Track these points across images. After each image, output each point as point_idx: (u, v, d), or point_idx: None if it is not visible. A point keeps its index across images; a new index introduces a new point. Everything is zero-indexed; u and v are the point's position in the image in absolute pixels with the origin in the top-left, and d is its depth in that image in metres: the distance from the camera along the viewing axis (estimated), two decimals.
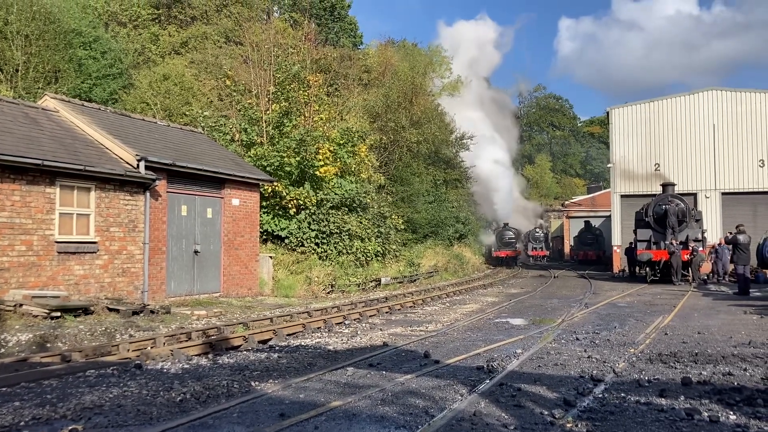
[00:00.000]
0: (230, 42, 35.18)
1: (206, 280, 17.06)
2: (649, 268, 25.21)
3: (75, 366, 8.08)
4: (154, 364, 8.30)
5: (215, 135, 23.13)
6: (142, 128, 17.63)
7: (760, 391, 6.42)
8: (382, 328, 12.31)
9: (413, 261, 28.47)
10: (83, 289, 13.37)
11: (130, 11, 35.61)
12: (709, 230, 29.16)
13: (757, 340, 9.90)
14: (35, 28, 24.46)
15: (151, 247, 15.10)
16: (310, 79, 26.17)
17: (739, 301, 17.27)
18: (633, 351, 9.08)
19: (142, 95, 27.68)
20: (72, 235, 13.33)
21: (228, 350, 9.72)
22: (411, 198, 32.43)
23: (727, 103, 32.15)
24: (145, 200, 14.95)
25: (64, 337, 10.00)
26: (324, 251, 22.85)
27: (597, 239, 48.22)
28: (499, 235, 49.46)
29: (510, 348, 9.46)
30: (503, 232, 49.33)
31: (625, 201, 33.00)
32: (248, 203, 18.69)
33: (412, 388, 6.78)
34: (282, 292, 19.28)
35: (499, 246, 48.46)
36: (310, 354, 9.21)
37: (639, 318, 13.38)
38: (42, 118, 14.76)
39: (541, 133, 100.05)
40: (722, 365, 7.96)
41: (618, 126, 33.88)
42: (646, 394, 6.46)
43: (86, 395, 6.53)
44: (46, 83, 24.54)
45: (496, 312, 15.34)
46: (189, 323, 12.36)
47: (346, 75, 33.28)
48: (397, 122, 32.09)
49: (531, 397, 6.36)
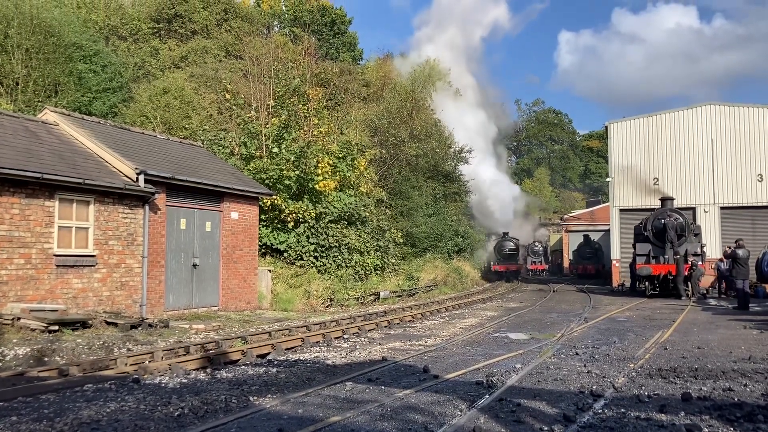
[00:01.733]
0: (230, 56, 35.40)
1: (205, 294, 17.02)
2: (648, 282, 25.19)
3: (72, 380, 8.03)
4: (152, 379, 8.26)
5: (215, 148, 23.17)
6: (141, 142, 17.67)
7: (761, 407, 6.39)
8: (381, 343, 12.27)
9: (412, 275, 28.42)
10: (81, 302, 13.34)
11: (130, 25, 35.85)
12: (708, 244, 29.18)
13: (757, 356, 9.87)
14: (35, 41, 24.58)
15: (149, 261, 15.08)
16: (310, 93, 26.27)
17: (739, 315, 17.24)
18: (633, 366, 9.05)
19: (142, 109, 27.77)
20: (71, 248, 13.31)
21: (226, 364, 9.68)
22: (410, 212, 32.45)
23: (725, 117, 32.27)
24: (144, 213, 14.95)
25: (61, 351, 9.95)
26: (323, 265, 22.81)
27: (596, 253, 48.14)
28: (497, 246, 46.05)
29: (509, 363, 9.42)
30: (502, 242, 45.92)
31: (624, 215, 33.01)
32: (247, 216, 18.68)
33: (411, 403, 6.75)
34: (281, 305, 19.23)
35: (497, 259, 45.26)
36: (308, 368, 9.17)
37: (638, 332, 13.34)
38: (42, 131, 14.79)
39: (540, 147, 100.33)
40: (722, 380, 7.93)
41: (617, 140, 33.97)
42: (647, 409, 6.43)
43: (83, 410, 6.49)
44: (46, 97, 24.62)
45: (495, 326, 15.29)
46: (187, 337, 12.31)
47: (347, 89, 33.42)
48: (396, 136, 32.18)
49: (530, 412, 6.33)
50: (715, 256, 29.39)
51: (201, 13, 38.54)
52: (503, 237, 46.69)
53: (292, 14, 49.52)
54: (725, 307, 20.24)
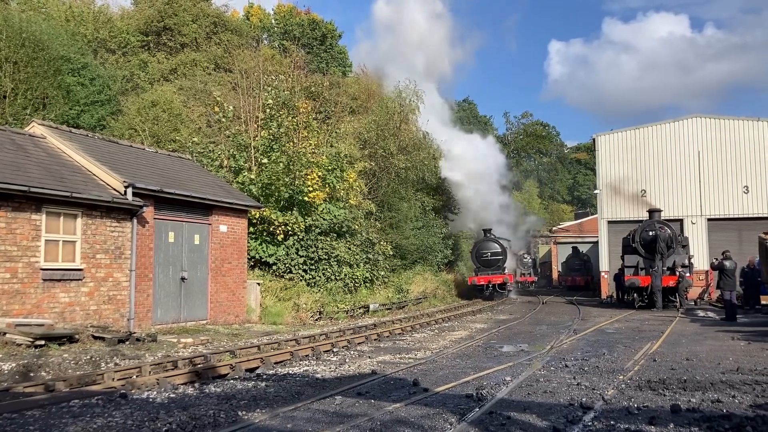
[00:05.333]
0: (219, 69, 35.38)
1: (193, 308, 16.92)
2: (636, 294, 25.29)
3: (59, 396, 7.94)
4: (140, 394, 8.18)
5: (203, 161, 23.12)
6: (129, 155, 17.60)
7: (749, 419, 6.41)
8: (371, 356, 12.23)
9: (402, 287, 28.40)
10: (68, 316, 13.21)
11: (119, 38, 35.79)
12: (695, 256, 29.37)
13: (745, 367, 9.91)
14: (24, 54, 24.47)
15: (137, 274, 14.97)
16: (299, 106, 26.30)
17: (727, 327, 17.32)
18: (622, 378, 9.06)
19: (131, 121, 27.67)
20: (58, 262, 13.21)
21: (215, 379, 9.61)
22: (399, 224, 32.44)
23: (711, 130, 32.63)
24: (132, 227, 14.86)
25: (48, 366, 9.85)
26: (312, 277, 22.75)
27: (585, 265, 48.22)
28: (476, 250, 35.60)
29: (499, 375, 9.41)
30: (483, 244, 35.59)
31: (613, 227, 33.21)
32: (236, 229, 18.62)
33: (401, 416, 6.72)
34: (270, 319, 19.13)
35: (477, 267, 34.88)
36: (298, 382, 9.12)
37: (627, 344, 13.37)
38: (29, 144, 14.70)
39: (528, 160, 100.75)
40: (711, 392, 7.96)
41: (604, 153, 34.23)
42: (636, 421, 6.43)
43: (70, 426, 6.42)
44: (34, 110, 24.48)
45: (485, 339, 15.28)
46: (175, 351, 12.22)
47: (336, 102, 33.48)
48: (385, 148, 32.23)
49: (521, 425, 6.32)
50: (702, 268, 29.61)
51: (190, 26, 38.54)
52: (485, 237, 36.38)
53: (282, 28, 49.65)
54: (713, 318, 20.35)
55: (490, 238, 36.04)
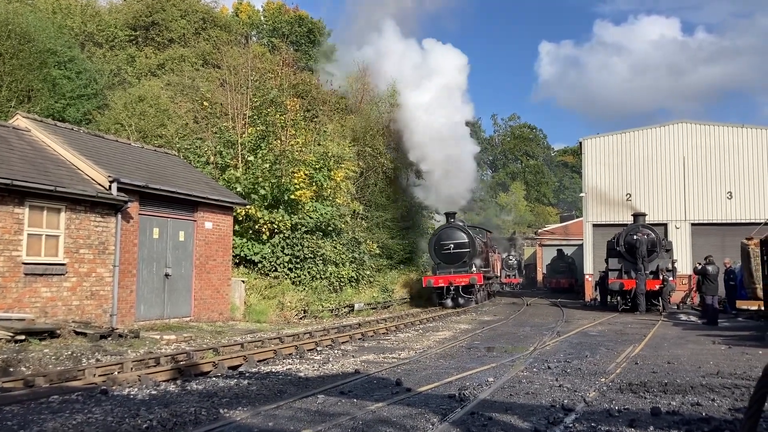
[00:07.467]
0: (207, 65, 35.18)
1: (177, 304, 16.83)
2: (620, 297, 25.45)
3: (38, 391, 7.87)
4: (121, 390, 8.13)
5: (190, 157, 22.99)
6: (115, 149, 17.47)
7: (728, 422, 6.47)
8: (355, 355, 12.22)
9: (387, 287, 28.38)
10: (50, 311, 13.10)
11: (107, 32, 35.48)
12: (679, 260, 29.62)
13: (725, 371, 10.00)
14: (9, 46, 24.21)
15: (121, 270, 14.87)
16: (288, 104, 26.23)
17: (708, 331, 17.48)
18: (604, 380, 9.11)
19: (117, 116, 27.45)
20: (40, 256, 13.09)
21: (197, 376, 9.56)
22: (386, 223, 32.43)
23: (696, 136, 32.90)
24: (117, 222, 14.76)
25: (28, 362, 9.75)
26: (297, 276, 22.70)
27: (569, 267, 48.42)
28: (436, 240, 27.64)
29: (482, 376, 9.43)
30: (445, 232, 27.63)
31: (598, 230, 33.39)
32: (221, 226, 18.54)
33: (384, 416, 6.72)
34: (254, 317, 19.07)
35: (436, 263, 27.19)
36: (280, 381, 9.09)
37: (610, 347, 13.45)
38: (13, 137, 14.56)
39: (515, 162, 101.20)
40: (691, 395, 8.02)
41: (590, 156, 34.39)
42: (616, 424, 6.47)
43: (48, 422, 6.36)
44: (19, 102, 24.24)
45: (468, 339, 15.31)
46: (158, 348, 12.15)
47: (325, 101, 33.41)
48: (374, 147, 32.21)
49: (502, 426, 6.34)
50: (686, 272, 29.85)
51: (179, 22, 38.30)
52: (448, 223, 28.40)
53: (271, 25, 49.47)
54: (695, 322, 20.52)
55: (454, 225, 27.96)
